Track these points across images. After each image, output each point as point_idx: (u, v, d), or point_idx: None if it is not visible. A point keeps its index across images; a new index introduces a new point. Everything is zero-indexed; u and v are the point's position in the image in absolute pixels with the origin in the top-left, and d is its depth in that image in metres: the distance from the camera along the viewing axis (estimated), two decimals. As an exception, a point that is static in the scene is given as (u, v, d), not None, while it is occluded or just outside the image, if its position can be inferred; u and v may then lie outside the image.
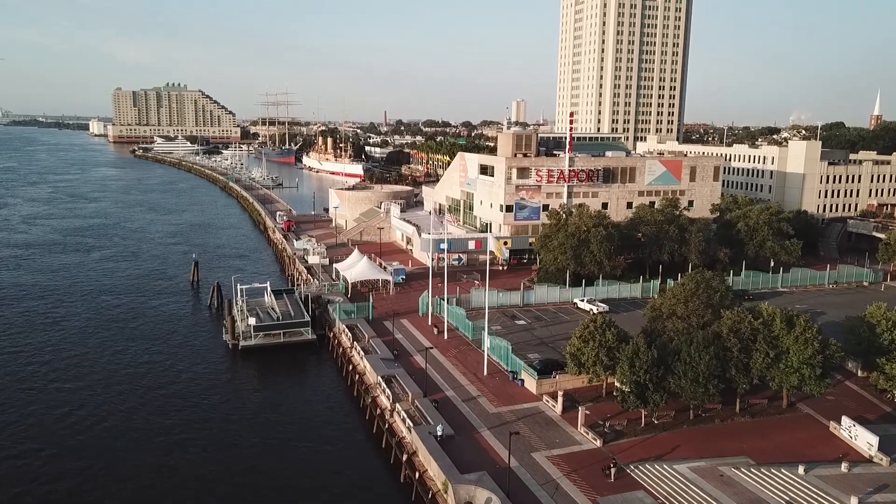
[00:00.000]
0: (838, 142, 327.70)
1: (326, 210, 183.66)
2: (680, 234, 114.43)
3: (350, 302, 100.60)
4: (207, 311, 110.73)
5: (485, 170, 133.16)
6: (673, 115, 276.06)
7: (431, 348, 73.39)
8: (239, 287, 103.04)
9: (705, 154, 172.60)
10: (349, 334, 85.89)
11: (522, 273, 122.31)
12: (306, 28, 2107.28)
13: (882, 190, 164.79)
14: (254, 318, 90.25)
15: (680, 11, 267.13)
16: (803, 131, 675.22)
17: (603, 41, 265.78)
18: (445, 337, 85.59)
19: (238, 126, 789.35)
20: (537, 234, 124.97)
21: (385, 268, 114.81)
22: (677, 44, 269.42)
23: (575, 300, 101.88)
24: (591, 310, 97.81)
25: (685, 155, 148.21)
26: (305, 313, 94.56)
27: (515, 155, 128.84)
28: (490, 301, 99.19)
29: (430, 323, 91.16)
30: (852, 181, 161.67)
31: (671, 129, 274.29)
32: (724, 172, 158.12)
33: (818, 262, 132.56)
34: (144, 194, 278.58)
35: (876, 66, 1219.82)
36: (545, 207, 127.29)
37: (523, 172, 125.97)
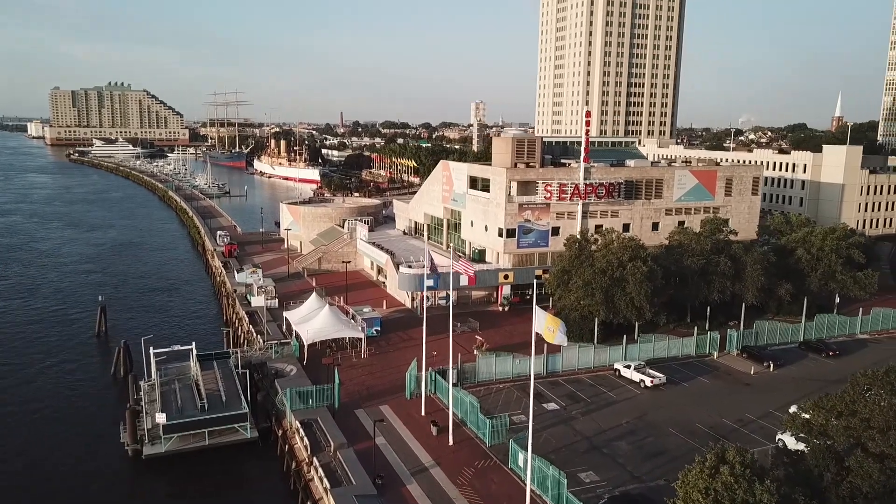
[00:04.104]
0: (814, 143, 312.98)
1: (278, 224, 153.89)
2: (733, 266, 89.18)
3: (306, 375, 72.15)
4: (111, 382, 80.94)
5: (475, 183, 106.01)
6: (666, 115, 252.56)
7: None
8: (151, 353, 73.84)
9: (736, 162, 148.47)
10: (306, 440, 57.55)
11: (529, 315, 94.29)
12: (259, 28, 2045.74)
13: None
14: (164, 415, 60.92)
15: (673, 11, 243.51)
16: (769, 133, 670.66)
17: (590, 39, 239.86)
18: (450, 440, 57.87)
19: (186, 128, 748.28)
20: (545, 265, 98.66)
21: (354, 317, 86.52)
22: (671, 37, 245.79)
23: (616, 365, 75.26)
24: (642, 381, 71.41)
25: (717, 163, 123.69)
26: (242, 397, 65.82)
27: (516, 165, 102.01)
28: (501, 370, 72.42)
29: (423, 412, 63.33)
30: (894, 192, 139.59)
31: (664, 132, 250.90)
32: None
33: (876, 294, 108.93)
34: (69, 206, 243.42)
35: (828, 69, 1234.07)
36: (555, 231, 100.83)
37: (527, 187, 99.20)
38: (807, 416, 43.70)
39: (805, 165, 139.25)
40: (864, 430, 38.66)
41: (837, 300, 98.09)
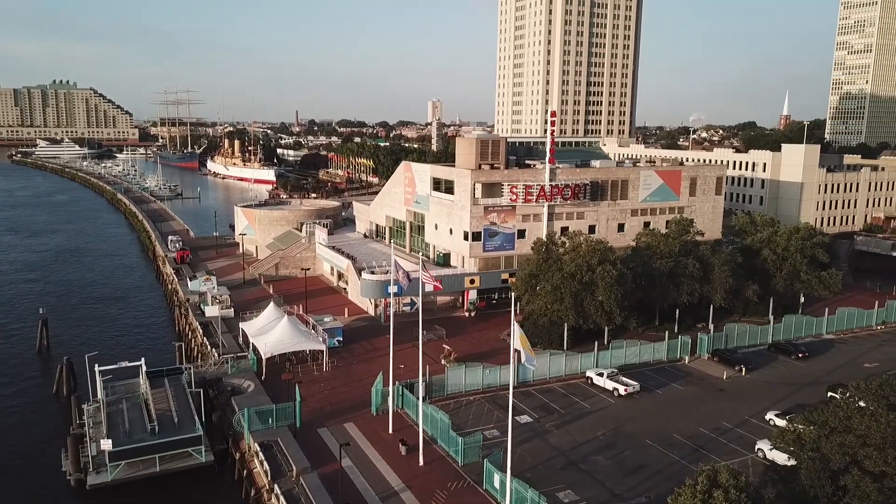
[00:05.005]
0: (765, 142, 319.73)
1: (232, 227, 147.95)
2: (702, 268, 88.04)
3: (264, 391, 68.10)
4: (52, 403, 75.50)
5: (439, 185, 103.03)
6: (624, 115, 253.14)
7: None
8: (97, 370, 68.61)
9: (697, 161, 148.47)
10: (266, 464, 53.72)
11: (495, 320, 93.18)
12: (210, 25, 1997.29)
13: (879, 200, 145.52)
14: (109, 441, 56.31)
15: (630, 10, 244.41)
16: (720, 131, 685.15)
17: (549, 38, 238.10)
18: (421, 460, 54.66)
19: (136, 127, 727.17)
20: (512, 269, 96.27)
21: (314, 327, 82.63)
22: (628, 36, 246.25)
23: (588, 373, 73.12)
24: (616, 390, 69.39)
25: (681, 163, 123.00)
26: (196, 417, 61.55)
27: (480, 166, 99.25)
28: (471, 381, 69.71)
29: (391, 430, 59.98)
30: (850, 190, 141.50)
31: (622, 131, 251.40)
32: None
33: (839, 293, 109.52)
34: (9, 210, 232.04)
35: (775, 68, 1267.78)
36: (521, 233, 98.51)
37: (492, 189, 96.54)
38: (794, 428, 41.87)
39: (764, 164, 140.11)
40: (861, 447, 36.86)
41: (802, 300, 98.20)
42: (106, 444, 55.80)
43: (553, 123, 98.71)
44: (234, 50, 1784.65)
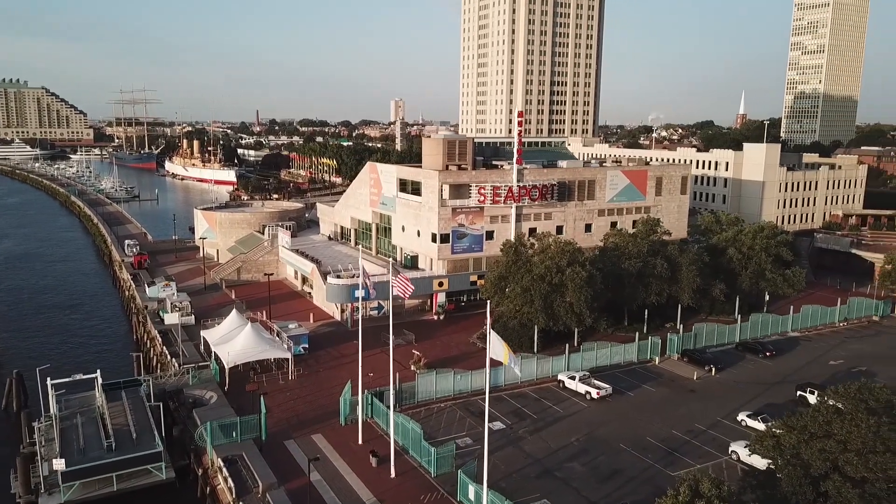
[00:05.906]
0: (723, 140, 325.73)
1: (192, 230, 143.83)
2: (670, 268, 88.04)
3: (228, 403, 65.59)
4: (2, 419, 71.81)
5: (405, 186, 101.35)
6: (588, 114, 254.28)
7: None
8: (49, 384, 65.26)
9: (661, 161, 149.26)
10: (230, 480, 51.46)
11: (465, 323, 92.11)
12: (166, 22, 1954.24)
13: (836, 197, 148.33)
14: (62, 461, 53.31)
15: (593, 10, 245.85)
16: (679, 129, 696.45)
17: (513, 38, 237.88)
18: (392, 472, 53.00)
19: (90, 127, 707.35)
20: (481, 271, 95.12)
21: (279, 334, 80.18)
22: (591, 35, 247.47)
23: (560, 376, 72.26)
24: (588, 393, 68.66)
25: (647, 163, 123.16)
26: (156, 432, 58.85)
27: (448, 167, 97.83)
28: (442, 387, 68.25)
29: (360, 441, 58.15)
30: (809, 188, 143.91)
31: (586, 130, 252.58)
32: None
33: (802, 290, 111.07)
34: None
35: (731, 67, 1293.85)
36: (489, 235, 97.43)
37: (460, 190, 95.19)
38: (773, 433, 41.40)
39: (727, 163, 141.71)
40: (841, 452, 36.44)
41: (767, 298, 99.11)
42: (59, 464, 52.77)
43: (520, 124, 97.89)
44: (192, 48, 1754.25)
